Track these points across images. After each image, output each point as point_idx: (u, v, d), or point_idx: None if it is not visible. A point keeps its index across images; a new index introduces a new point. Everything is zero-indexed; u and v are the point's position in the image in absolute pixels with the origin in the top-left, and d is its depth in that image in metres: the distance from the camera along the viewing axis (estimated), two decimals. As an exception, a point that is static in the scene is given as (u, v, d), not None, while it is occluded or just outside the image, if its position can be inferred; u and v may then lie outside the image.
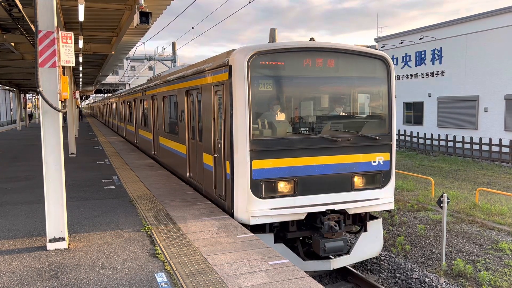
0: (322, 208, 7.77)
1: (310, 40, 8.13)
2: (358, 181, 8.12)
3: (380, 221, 8.80)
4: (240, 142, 7.38)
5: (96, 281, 5.24)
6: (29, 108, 71.50)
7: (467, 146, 24.08)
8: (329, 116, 8.34)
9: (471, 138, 23.72)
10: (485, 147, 22.96)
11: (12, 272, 5.54)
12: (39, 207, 8.83)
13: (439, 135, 26.09)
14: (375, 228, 8.70)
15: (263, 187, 7.51)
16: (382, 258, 10.06)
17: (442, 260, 9.38)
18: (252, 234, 6.86)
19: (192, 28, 24.44)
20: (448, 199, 9.50)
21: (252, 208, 7.44)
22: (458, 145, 24.73)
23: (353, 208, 8.07)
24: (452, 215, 12.23)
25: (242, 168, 7.42)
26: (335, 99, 8.38)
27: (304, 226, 8.17)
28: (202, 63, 9.84)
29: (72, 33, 6.62)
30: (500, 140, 22.02)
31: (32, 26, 12.34)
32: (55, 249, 6.36)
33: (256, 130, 7.58)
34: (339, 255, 8.24)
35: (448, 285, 8.54)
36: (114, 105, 32.63)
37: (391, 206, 8.46)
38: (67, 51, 6.47)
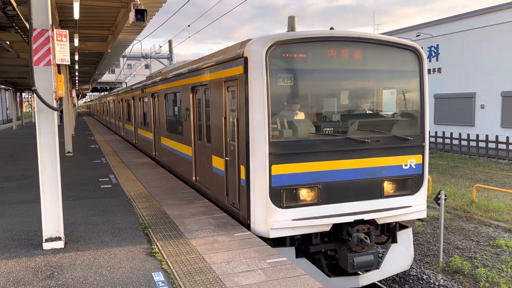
0: (350, 218, 6.95)
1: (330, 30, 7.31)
2: (388, 187, 7.34)
3: (410, 230, 7.96)
4: (258, 144, 6.59)
5: (93, 280, 5.21)
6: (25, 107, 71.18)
7: (464, 143, 24.14)
8: (355, 114, 7.49)
9: (468, 135, 23.77)
10: (482, 144, 23.01)
11: (8, 272, 5.50)
12: (35, 207, 8.79)
13: (436, 132, 26.14)
14: (405, 239, 7.87)
15: (284, 195, 6.70)
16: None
17: (440, 257, 9.40)
18: (250, 232, 6.83)
19: (189, 25, 24.38)
20: (445, 196, 9.51)
21: (271, 219, 6.64)
22: (455, 142, 24.80)
23: (383, 218, 7.26)
24: (450, 212, 12.25)
25: (260, 173, 6.61)
26: (362, 95, 7.53)
27: (327, 237, 7.37)
28: (210, 56, 8.93)
29: (67, 31, 6.57)
30: (496, 136, 22.07)
31: (26, 24, 12.26)
32: (52, 249, 6.32)
33: (275, 130, 6.76)
34: (368, 270, 7.46)
35: (445, 281, 8.55)
36: (112, 103, 31.74)
37: (423, 214, 7.68)
38: (62, 49, 6.42)
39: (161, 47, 37.10)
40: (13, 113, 43.73)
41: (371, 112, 7.64)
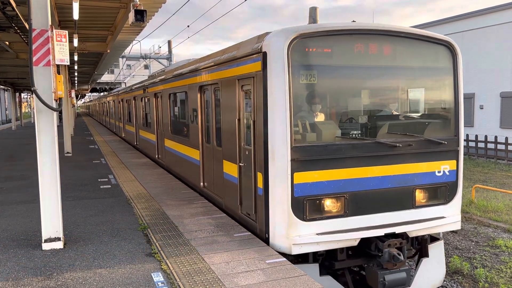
0: (380, 232, 6.35)
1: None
2: (420, 196, 6.74)
3: (442, 243, 7.33)
4: (278, 149, 5.98)
5: (92, 281, 5.20)
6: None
7: (463, 143, 24.16)
8: (384, 116, 6.87)
9: (467, 135, 23.79)
10: (481, 144, 23.04)
11: (8, 273, 5.50)
12: (35, 207, 8.78)
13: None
14: (437, 252, 7.25)
15: (307, 206, 6.08)
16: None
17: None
18: (249, 233, 6.83)
19: (188, 26, 24.38)
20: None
21: (294, 233, 6.01)
22: (454, 142, 24.78)
23: (415, 231, 6.64)
24: (449, 212, 12.25)
25: (281, 182, 5.99)
26: (391, 94, 6.94)
27: (353, 251, 6.75)
28: (220, 53, 8.24)
29: (67, 32, 6.57)
30: (495, 137, 22.10)
31: (26, 24, 12.25)
32: (51, 249, 6.32)
33: (297, 134, 6.11)
34: None
35: (445, 282, 8.55)
36: (112, 104, 31.08)
37: (457, 226, 7.03)
38: (61, 49, 6.42)
39: (160, 47, 37.08)
40: (12, 114, 43.70)
41: (401, 113, 7.03)
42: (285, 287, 4.90)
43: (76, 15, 11.60)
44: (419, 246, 7.25)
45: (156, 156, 14.67)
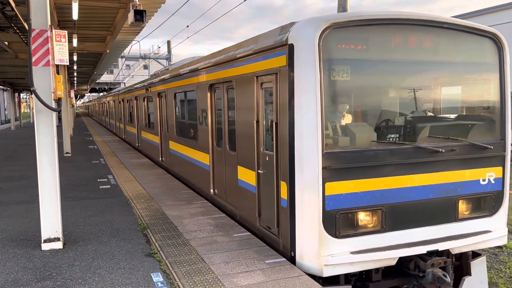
0: (422, 249, 5.64)
1: None
2: (463, 207, 6.05)
3: (484, 259, 6.56)
4: (307, 155, 5.28)
5: (91, 281, 5.20)
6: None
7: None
8: (425, 117, 6.13)
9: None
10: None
11: (7, 273, 5.50)
12: (34, 207, 8.77)
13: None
14: (480, 270, 6.50)
15: (340, 221, 5.38)
16: None
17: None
18: (249, 233, 6.82)
19: (187, 26, 24.40)
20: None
21: (325, 252, 5.31)
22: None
23: (458, 247, 5.93)
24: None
25: (310, 193, 5.28)
26: (432, 92, 6.16)
27: (388, 270, 5.93)
28: (234, 47, 7.47)
29: (66, 32, 6.57)
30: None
31: (25, 24, 12.26)
32: (50, 249, 6.32)
33: (328, 138, 5.41)
34: None
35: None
36: (112, 104, 30.22)
37: (504, 241, 6.31)
38: (61, 49, 6.42)
39: (159, 47, 37.08)
40: (11, 114, 43.68)
41: (442, 114, 6.31)
42: (284, 287, 4.90)
43: (75, 15, 11.60)
44: (458, 263, 6.49)
45: (160, 159, 14.04)
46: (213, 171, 8.77)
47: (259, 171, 6.54)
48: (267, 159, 6.28)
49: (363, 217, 5.52)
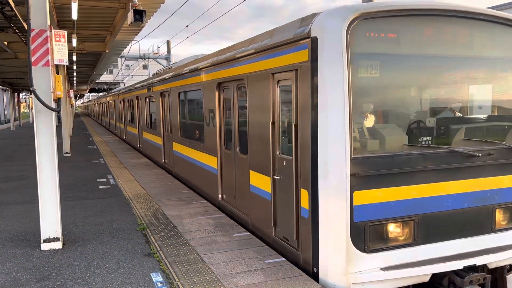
0: (458, 264, 5.14)
1: None
2: (500, 217, 5.56)
3: None
4: (333, 161, 4.78)
5: (91, 281, 5.20)
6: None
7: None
8: (460, 118, 5.60)
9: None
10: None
11: (7, 273, 5.49)
12: (34, 207, 8.77)
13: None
14: None
15: (370, 233, 4.90)
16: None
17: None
18: (248, 233, 6.82)
19: (187, 26, 24.40)
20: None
21: (353, 268, 4.84)
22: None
23: (496, 261, 5.42)
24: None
25: (337, 203, 4.80)
26: (468, 91, 5.65)
27: (418, 285, 5.44)
28: (246, 42, 6.98)
29: (66, 32, 6.57)
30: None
31: (24, 24, 12.26)
32: (50, 249, 6.31)
33: (356, 141, 4.90)
34: None
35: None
36: (113, 104, 29.67)
37: None
38: (60, 49, 6.42)
39: (159, 47, 37.09)
40: (10, 114, 43.66)
41: (479, 114, 5.83)
42: (284, 287, 4.90)
43: (75, 15, 11.61)
44: (492, 276, 5.91)
45: (163, 161, 13.57)
46: (221, 175, 8.31)
47: (275, 176, 6.04)
48: (284, 164, 5.79)
49: (394, 229, 5.04)
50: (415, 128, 5.31)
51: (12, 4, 10.73)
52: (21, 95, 57.46)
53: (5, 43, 16.89)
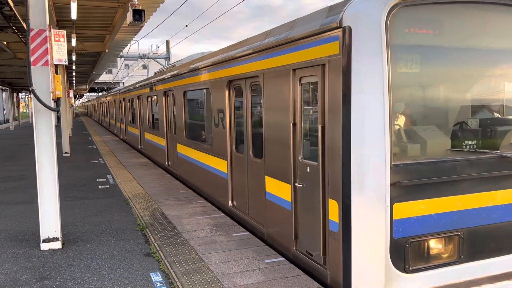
0: (509, 285, 4.68)
1: None
2: None
3: None
4: (370, 169, 4.22)
5: (90, 281, 5.20)
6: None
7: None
8: (509, 120, 5.00)
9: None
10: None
11: (6, 273, 5.49)
12: (33, 207, 8.77)
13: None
14: None
15: (411, 251, 4.36)
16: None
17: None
18: (248, 233, 6.82)
19: (186, 26, 24.41)
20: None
21: None
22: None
23: None
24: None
25: (374, 217, 4.24)
26: None
27: None
28: (262, 36, 6.40)
29: (65, 31, 6.57)
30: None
31: (24, 24, 12.25)
32: (49, 249, 6.31)
33: (395, 146, 4.29)
34: None
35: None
36: (113, 103, 28.88)
37: None
38: (59, 49, 6.42)
39: (158, 47, 37.07)
40: (10, 114, 43.66)
41: None
42: (284, 287, 4.90)
43: (74, 15, 11.60)
44: None
45: (166, 163, 13.03)
46: (232, 180, 7.74)
47: (297, 184, 5.46)
48: (308, 170, 5.20)
49: (436, 245, 4.51)
50: (458, 130, 4.72)
51: (12, 4, 10.72)
52: (20, 95, 57.43)
53: (4, 42, 16.88)
